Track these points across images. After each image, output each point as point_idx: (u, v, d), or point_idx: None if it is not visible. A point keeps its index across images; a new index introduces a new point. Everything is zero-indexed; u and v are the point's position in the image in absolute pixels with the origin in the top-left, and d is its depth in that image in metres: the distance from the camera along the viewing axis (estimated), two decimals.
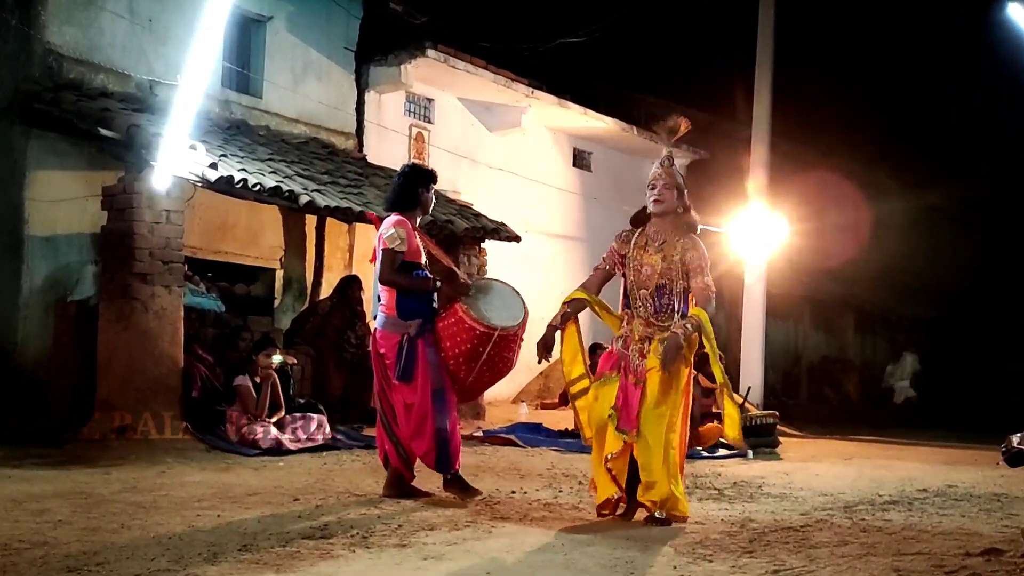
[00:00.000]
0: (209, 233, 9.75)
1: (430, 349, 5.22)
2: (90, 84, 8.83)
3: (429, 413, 5.19)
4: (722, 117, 17.21)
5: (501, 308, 5.31)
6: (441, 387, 5.23)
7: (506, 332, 5.18)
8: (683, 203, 4.95)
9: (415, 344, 5.22)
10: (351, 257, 11.30)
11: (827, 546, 4.14)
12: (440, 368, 5.23)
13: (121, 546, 3.89)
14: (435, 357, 5.22)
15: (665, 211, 4.91)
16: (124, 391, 7.47)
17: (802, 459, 8.78)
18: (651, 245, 4.92)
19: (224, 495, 5.30)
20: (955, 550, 4.02)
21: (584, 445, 7.78)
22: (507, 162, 13.66)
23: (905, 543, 4.23)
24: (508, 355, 5.29)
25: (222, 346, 8.64)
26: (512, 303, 5.39)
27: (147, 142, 7.60)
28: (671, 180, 4.92)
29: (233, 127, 9.89)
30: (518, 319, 5.28)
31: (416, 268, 5.36)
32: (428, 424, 5.20)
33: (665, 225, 4.93)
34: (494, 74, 12.66)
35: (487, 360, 5.21)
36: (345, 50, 11.53)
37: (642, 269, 4.88)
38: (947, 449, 10.65)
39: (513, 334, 5.24)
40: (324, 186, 9.08)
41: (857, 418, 16.00)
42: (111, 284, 7.74)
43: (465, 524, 4.54)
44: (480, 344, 5.16)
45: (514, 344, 5.29)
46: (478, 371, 5.25)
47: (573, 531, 4.47)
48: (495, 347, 5.17)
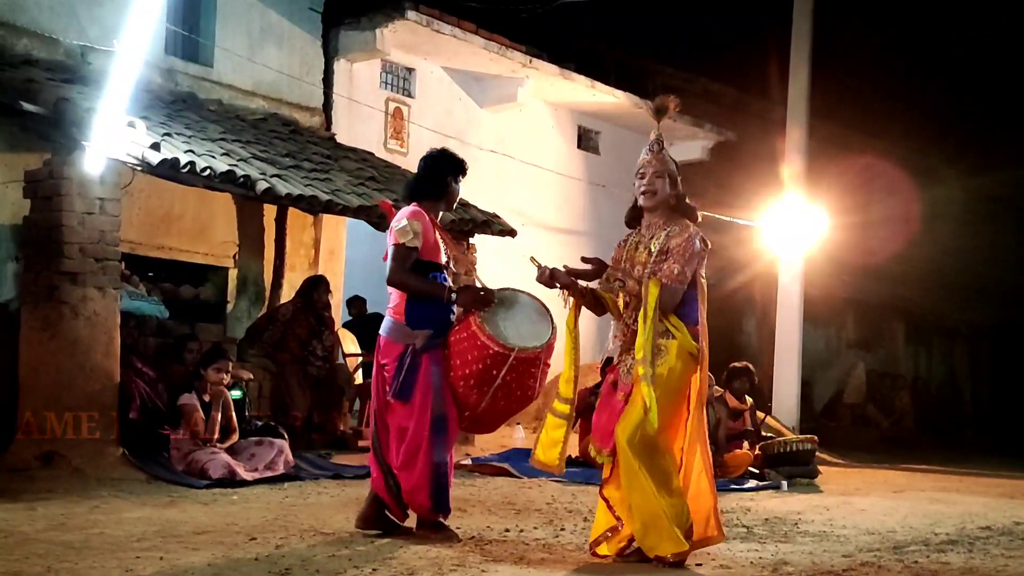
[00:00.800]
0: (150, 226, 9.73)
1: (435, 367, 5.16)
2: (12, 50, 8.80)
3: (424, 443, 5.15)
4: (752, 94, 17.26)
5: (523, 325, 5.21)
6: (443, 414, 5.17)
7: (525, 354, 5.07)
8: (676, 192, 4.99)
9: (419, 358, 5.17)
10: (316, 254, 11.29)
11: None
12: (444, 391, 5.17)
13: None
14: (439, 378, 5.16)
15: (656, 203, 4.95)
16: (51, 411, 7.41)
17: (845, 492, 8.79)
18: (642, 243, 4.97)
19: (168, 533, 5.27)
20: None
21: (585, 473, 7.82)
22: (501, 143, 13.66)
23: None
24: (529, 381, 5.18)
25: (165, 358, 8.62)
26: (539, 321, 5.27)
27: (78, 118, 7.57)
28: (662, 167, 4.96)
29: (179, 101, 9.86)
30: (543, 340, 5.16)
31: (434, 269, 5.31)
32: (422, 456, 5.15)
33: (657, 219, 4.98)
34: (485, 40, 12.66)
35: (502, 385, 5.09)
36: (310, 11, 11.53)
37: (633, 271, 4.91)
38: (1014, 480, 10.68)
39: (534, 356, 5.12)
40: (285, 171, 9.06)
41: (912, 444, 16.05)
42: (35, 285, 7.71)
43: (451, 568, 4.52)
44: (494, 366, 5.05)
45: (535, 369, 5.17)
46: (491, 398, 5.14)
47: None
48: (512, 371, 5.06)
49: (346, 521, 5.86)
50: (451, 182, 5.52)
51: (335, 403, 10.18)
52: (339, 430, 10.09)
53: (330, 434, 9.91)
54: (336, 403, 10.20)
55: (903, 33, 20.41)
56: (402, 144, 12.65)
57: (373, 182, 10.08)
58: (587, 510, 6.70)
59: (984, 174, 20.95)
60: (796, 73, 13.57)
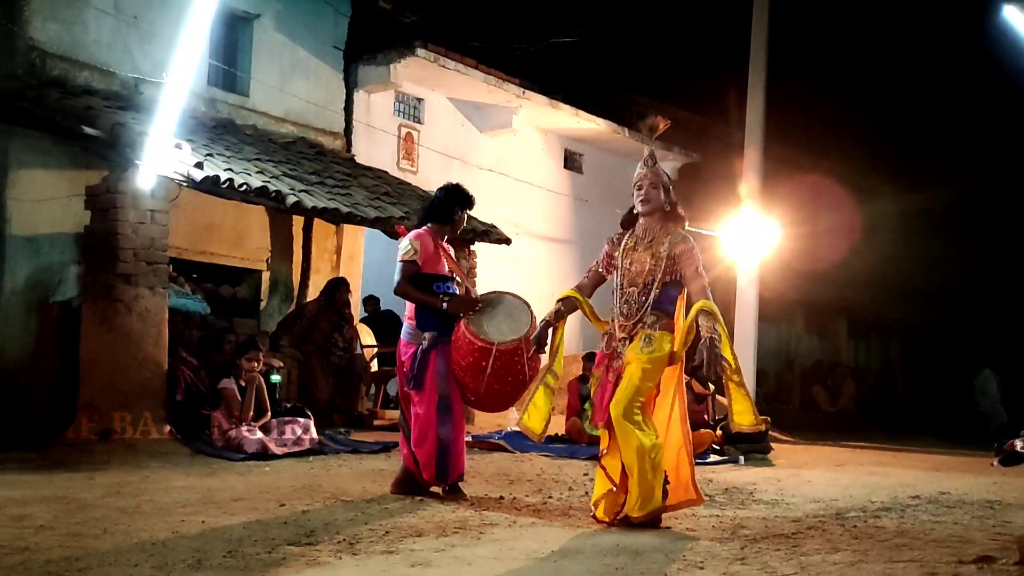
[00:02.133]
0: (194, 234, 9.73)
1: (441, 360, 5.43)
2: (74, 81, 8.81)
3: (433, 421, 5.41)
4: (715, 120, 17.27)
5: (504, 323, 5.45)
6: (446, 395, 5.43)
7: (505, 346, 5.30)
8: (670, 200, 5.05)
9: (428, 354, 5.45)
10: (338, 259, 11.29)
11: (819, 553, 4.15)
12: (448, 378, 5.43)
13: (104, 552, 3.87)
14: (444, 368, 5.42)
15: (652, 210, 5.00)
16: (107, 394, 7.44)
17: (794, 465, 8.80)
18: (640, 244, 4.99)
19: (209, 500, 5.28)
20: (947, 557, 4.03)
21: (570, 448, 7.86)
22: (497, 163, 13.67)
23: (897, 550, 4.24)
24: (517, 367, 5.37)
25: (207, 349, 8.62)
26: (519, 317, 5.51)
27: (132, 141, 7.58)
28: (656, 179, 5.02)
29: (219, 126, 9.87)
30: (520, 334, 5.36)
31: (436, 280, 5.58)
32: (431, 434, 5.42)
33: (653, 223, 5.01)
34: (485, 74, 12.67)
35: (492, 373, 5.32)
36: (333, 49, 11.53)
37: (631, 267, 4.94)
38: (940, 456, 10.71)
39: (513, 348, 5.32)
40: (311, 187, 9.07)
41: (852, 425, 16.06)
42: (94, 285, 7.72)
43: (453, 530, 4.53)
44: (482, 358, 5.31)
45: (517, 357, 5.36)
46: (486, 383, 5.37)
47: (562, 538, 4.46)
48: (497, 360, 5.29)
49: (363, 489, 5.87)
50: (458, 211, 5.76)
51: (354, 388, 10.19)
52: (357, 411, 10.11)
53: (349, 414, 9.92)
54: (354, 388, 10.21)
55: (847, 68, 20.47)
56: (412, 164, 12.65)
57: (387, 197, 10.09)
58: (571, 480, 6.72)
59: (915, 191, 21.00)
60: (753, 103, 13.57)
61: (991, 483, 7.50)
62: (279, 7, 10.91)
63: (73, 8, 8.92)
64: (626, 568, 3.82)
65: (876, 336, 21.68)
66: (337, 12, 11.52)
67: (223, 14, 10.11)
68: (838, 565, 3.88)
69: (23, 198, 8.34)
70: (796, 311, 18.66)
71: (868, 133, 20.80)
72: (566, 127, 14.75)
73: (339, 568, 3.72)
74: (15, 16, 8.51)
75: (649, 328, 4.80)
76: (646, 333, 4.79)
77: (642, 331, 4.80)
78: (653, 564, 3.92)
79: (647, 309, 4.84)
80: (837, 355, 20.19)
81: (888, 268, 20.87)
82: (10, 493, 5.28)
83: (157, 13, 9.50)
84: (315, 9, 11.29)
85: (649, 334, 4.78)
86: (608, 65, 17.04)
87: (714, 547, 4.28)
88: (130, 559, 3.75)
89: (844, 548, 4.28)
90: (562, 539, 4.42)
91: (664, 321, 4.83)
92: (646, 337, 4.77)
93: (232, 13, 10.49)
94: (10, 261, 8.28)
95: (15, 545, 3.96)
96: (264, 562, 3.76)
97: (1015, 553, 3.83)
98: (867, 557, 4.06)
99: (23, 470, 6.32)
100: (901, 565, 3.88)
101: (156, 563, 3.69)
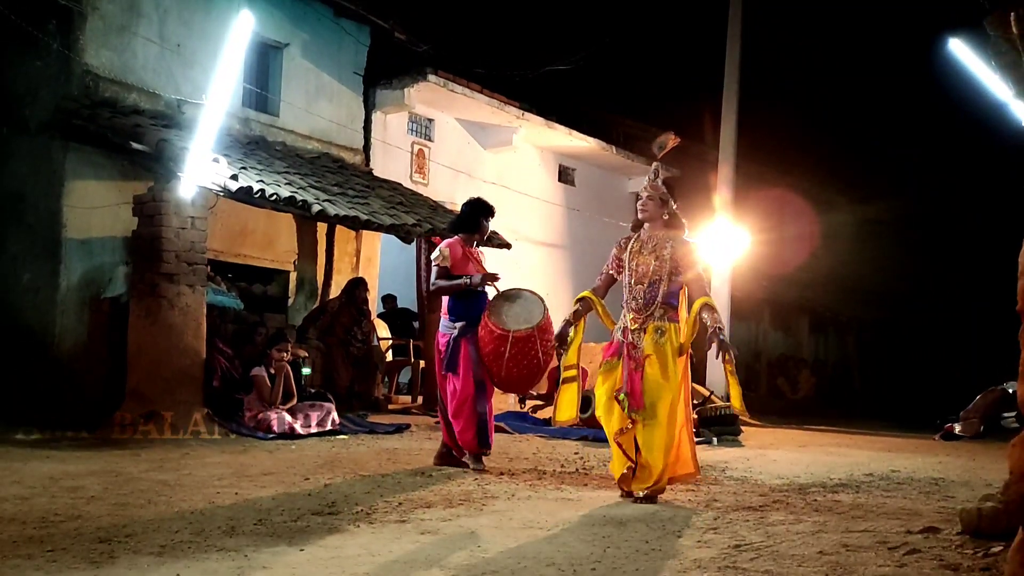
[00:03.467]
0: (230, 238, 9.71)
1: (471, 347, 5.63)
2: (123, 102, 8.79)
3: (470, 399, 5.63)
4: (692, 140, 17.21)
5: (520, 314, 5.62)
6: (482, 379, 5.64)
7: (520, 334, 5.47)
8: (668, 210, 5.17)
9: (459, 342, 5.65)
10: (358, 261, 11.27)
11: (783, 524, 4.14)
12: (480, 363, 5.62)
13: (148, 520, 3.87)
14: (475, 354, 5.61)
15: (648, 219, 5.14)
16: (152, 380, 7.43)
17: (761, 446, 8.79)
18: (645, 248, 5.10)
19: (241, 474, 5.28)
20: (898, 528, 4.02)
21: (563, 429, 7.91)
22: (499, 177, 13.65)
23: (853, 521, 4.24)
24: (532, 353, 5.52)
25: (240, 340, 8.61)
26: (533, 309, 5.66)
27: (174, 155, 7.57)
28: (654, 192, 5.16)
29: (252, 143, 9.85)
30: (533, 323, 5.53)
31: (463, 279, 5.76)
32: (468, 408, 5.62)
33: (655, 230, 5.13)
34: (488, 97, 12.66)
35: (511, 357, 5.49)
36: (354, 74, 11.51)
37: (638, 268, 5.04)
38: (890, 438, 10.70)
39: (527, 335, 5.48)
40: (334, 196, 9.05)
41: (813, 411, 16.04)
42: (140, 283, 7.71)
43: (459, 502, 4.52)
44: (500, 344, 5.48)
45: (531, 344, 5.51)
46: (506, 367, 5.53)
47: (555, 509, 4.46)
48: (514, 346, 5.47)
49: (379, 466, 5.87)
50: (483, 221, 5.97)
51: (371, 376, 10.18)
52: (373, 396, 10.09)
53: (367, 399, 9.91)
54: (372, 376, 10.19)
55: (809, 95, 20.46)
56: (424, 177, 12.62)
57: (401, 206, 10.07)
58: (563, 459, 6.71)
59: (868, 203, 21.02)
60: (726, 125, 13.57)
61: (937, 462, 7.50)
62: (306, 37, 10.89)
63: (123, 37, 8.90)
64: (612, 537, 3.81)
65: (834, 332, 21.66)
66: (358, 42, 11.51)
67: (256, 43, 10.10)
68: (801, 534, 3.88)
69: (78, 206, 8.32)
70: (764, 309, 18.64)
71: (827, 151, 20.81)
72: (560, 145, 14.74)
73: (357, 535, 3.71)
74: (72, 44, 8.50)
75: (658, 320, 4.91)
76: (656, 325, 4.90)
77: (652, 323, 4.90)
78: (635, 533, 3.91)
79: (655, 304, 4.93)
80: (799, 349, 20.17)
81: (844, 271, 20.87)
82: (65, 467, 5.27)
83: (198, 42, 9.48)
84: (338, 39, 11.27)
85: (659, 325, 4.90)
86: (598, 90, 17.07)
87: (690, 517, 4.27)
88: (171, 526, 3.74)
89: (806, 519, 4.28)
90: (555, 511, 4.41)
91: (670, 313, 4.96)
92: (657, 328, 4.89)
93: (264, 42, 10.47)
94: (66, 261, 8.27)
95: (69, 513, 3.95)
96: (291, 529, 3.76)
97: (958, 524, 3.82)
98: (826, 527, 4.05)
99: (77, 447, 6.32)
100: (856, 534, 3.88)
101: (194, 530, 3.68)
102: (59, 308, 8.20)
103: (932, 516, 4.39)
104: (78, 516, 3.90)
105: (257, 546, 3.44)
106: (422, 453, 6.64)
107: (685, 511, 4.48)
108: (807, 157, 19.87)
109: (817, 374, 19.62)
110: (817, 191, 20.02)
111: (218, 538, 3.55)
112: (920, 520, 4.23)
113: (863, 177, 21.47)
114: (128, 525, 3.74)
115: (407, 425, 8.63)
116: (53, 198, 8.30)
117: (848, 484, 5.78)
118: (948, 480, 6.19)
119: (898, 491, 5.51)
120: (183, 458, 5.96)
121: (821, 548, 3.58)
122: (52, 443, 6.39)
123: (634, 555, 3.47)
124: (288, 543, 3.51)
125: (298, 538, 3.60)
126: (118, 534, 3.57)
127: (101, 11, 8.70)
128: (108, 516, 3.92)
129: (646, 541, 3.73)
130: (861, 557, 3.41)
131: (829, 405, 17.71)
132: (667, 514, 4.37)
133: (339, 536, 3.68)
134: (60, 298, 8.22)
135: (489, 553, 3.42)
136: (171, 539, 3.51)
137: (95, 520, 3.82)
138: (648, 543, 3.70)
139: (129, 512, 4.03)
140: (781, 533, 3.90)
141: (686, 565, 3.30)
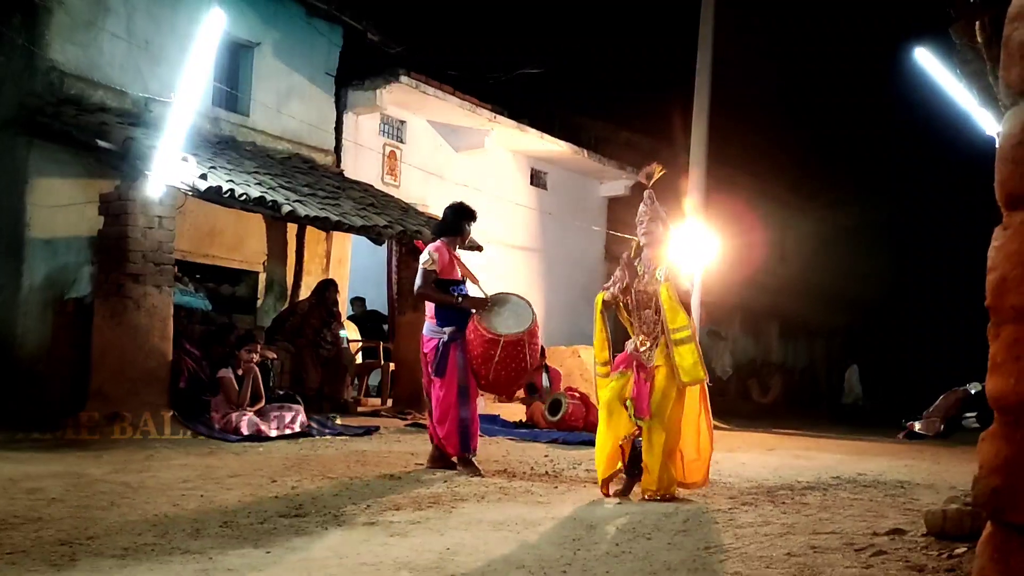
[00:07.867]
0: (198, 238, 9.61)
1: (459, 352, 5.69)
2: (89, 100, 8.67)
3: (453, 404, 5.71)
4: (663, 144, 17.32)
5: (510, 319, 5.73)
6: (465, 384, 5.70)
7: (510, 338, 5.61)
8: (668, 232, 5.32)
9: (448, 347, 5.70)
10: (328, 262, 11.20)
11: (752, 526, 4.16)
12: (466, 368, 5.69)
13: (111, 523, 3.80)
14: (462, 359, 5.68)
15: (654, 242, 5.22)
16: (116, 382, 7.32)
17: (730, 449, 8.83)
18: (647, 274, 5.19)
19: (207, 477, 5.21)
20: (864, 529, 4.06)
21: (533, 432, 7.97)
22: (471, 179, 13.61)
23: (820, 523, 4.27)
24: (520, 356, 5.66)
25: (208, 342, 8.50)
26: (522, 314, 5.79)
27: (142, 154, 7.48)
28: (656, 215, 5.28)
29: (222, 142, 9.76)
30: (523, 328, 5.67)
31: (452, 284, 5.83)
32: (452, 413, 5.68)
33: (654, 253, 5.21)
34: (460, 100, 12.64)
35: (500, 361, 5.62)
36: (326, 75, 11.44)
37: (645, 292, 5.16)
38: (857, 441, 10.81)
39: (516, 340, 5.62)
40: (304, 197, 8.99)
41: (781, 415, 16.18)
42: (106, 283, 7.59)
43: (428, 505, 4.50)
44: (490, 348, 5.59)
45: (521, 348, 5.66)
46: (495, 370, 5.65)
47: (525, 512, 4.45)
48: (504, 350, 5.59)
49: (347, 468, 5.83)
50: (465, 225, 6.08)
51: (340, 378, 10.10)
52: (343, 398, 10.02)
53: (336, 402, 9.83)
54: (341, 378, 10.12)
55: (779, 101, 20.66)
56: (395, 179, 12.57)
57: (372, 208, 10.02)
58: (533, 461, 6.71)
59: (836, 209, 21.27)
60: (697, 128, 13.63)
61: (903, 465, 7.59)
62: (277, 36, 10.81)
63: (90, 32, 8.78)
64: (582, 539, 3.81)
65: (803, 337, 21.88)
66: (330, 42, 11.44)
67: (226, 41, 9.98)
68: (769, 536, 3.90)
69: (42, 204, 8.20)
70: (734, 314, 18.78)
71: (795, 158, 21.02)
72: (532, 148, 14.75)
73: (325, 537, 3.67)
74: (37, 39, 8.37)
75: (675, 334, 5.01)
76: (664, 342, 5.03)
77: (663, 338, 5.02)
78: (606, 535, 3.91)
79: (662, 324, 5.04)
80: (769, 354, 20.35)
81: (812, 277, 21.09)
82: (26, 469, 5.17)
83: (166, 39, 9.37)
84: (310, 39, 11.20)
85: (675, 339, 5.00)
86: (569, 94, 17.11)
87: (660, 520, 4.28)
88: (134, 529, 3.68)
89: (774, 521, 4.30)
90: (525, 513, 4.40)
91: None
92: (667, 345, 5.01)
93: (235, 41, 10.38)
94: (29, 261, 8.14)
95: (29, 516, 3.87)
96: (257, 532, 3.71)
97: (922, 526, 3.87)
98: (794, 529, 4.08)
99: (38, 449, 6.20)
100: (824, 536, 3.91)
101: (158, 532, 3.62)
102: (22, 309, 8.07)
103: (898, 518, 4.44)
104: (38, 518, 3.82)
105: (222, 548, 3.39)
106: (391, 455, 6.61)
107: (654, 514, 4.49)
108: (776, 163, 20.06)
109: (785, 379, 19.80)
110: (786, 197, 20.24)
111: (182, 541, 3.50)
112: (886, 522, 4.27)
113: (832, 183, 21.73)
114: (90, 527, 3.67)
115: (376, 427, 8.59)
116: (16, 196, 8.16)
117: (816, 486, 5.83)
118: (913, 483, 6.26)
119: (864, 493, 5.56)
120: (147, 460, 5.87)
121: (789, 550, 3.60)
122: (12, 445, 6.27)
123: (604, 557, 3.46)
124: (254, 545, 3.46)
125: (264, 540, 3.56)
126: (80, 537, 3.50)
127: (67, 6, 8.57)
128: (69, 518, 3.84)
129: (616, 543, 3.73)
130: (828, 558, 3.44)
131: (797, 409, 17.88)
132: (637, 516, 4.38)
133: (306, 538, 3.64)
134: (23, 298, 8.08)
135: (458, 555, 3.40)
136: (134, 542, 3.45)
137: (56, 522, 3.75)
138: (618, 545, 3.70)
139: (91, 514, 3.96)
140: (750, 535, 3.92)
141: (656, 567, 3.30)
